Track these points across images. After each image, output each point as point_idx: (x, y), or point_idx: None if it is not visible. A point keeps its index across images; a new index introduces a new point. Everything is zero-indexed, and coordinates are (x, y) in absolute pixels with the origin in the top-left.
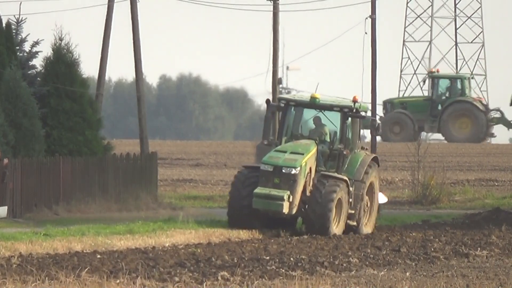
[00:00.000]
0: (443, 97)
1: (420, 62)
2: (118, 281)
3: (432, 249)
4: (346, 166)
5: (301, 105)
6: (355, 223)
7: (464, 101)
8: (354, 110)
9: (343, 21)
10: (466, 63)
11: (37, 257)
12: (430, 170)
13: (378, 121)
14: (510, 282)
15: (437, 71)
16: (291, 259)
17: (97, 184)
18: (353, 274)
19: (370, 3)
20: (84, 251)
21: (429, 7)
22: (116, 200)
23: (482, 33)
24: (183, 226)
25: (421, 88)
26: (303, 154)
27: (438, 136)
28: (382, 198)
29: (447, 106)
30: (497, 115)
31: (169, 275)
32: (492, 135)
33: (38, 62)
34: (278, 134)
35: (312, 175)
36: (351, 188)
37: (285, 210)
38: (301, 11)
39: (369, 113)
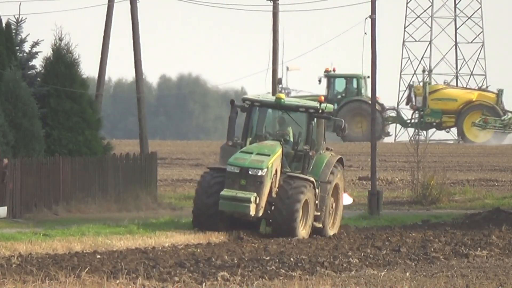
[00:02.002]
0: (339, 96)
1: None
2: (118, 281)
3: (432, 249)
4: (311, 167)
5: (266, 105)
6: (320, 225)
7: (359, 100)
8: (319, 111)
9: (343, 21)
10: (466, 63)
11: (36, 257)
12: (430, 170)
13: (344, 122)
14: (510, 282)
15: (333, 70)
16: (291, 259)
17: (97, 184)
18: (353, 274)
19: (370, 3)
20: (84, 251)
21: (429, 7)
22: (116, 200)
23: (482, 33)
24: (183, 226)
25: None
26: (269, 155)
27: (438, 136)
28: (347, 199)
29: (343, 106)
30: (393, 114)
31: (169, 275)
32: (388, 134)
33: (38, 63)
34: (242, 135)
35: (278, 177)
36: (317, 190)
37: (252, 212)
38: (301, 11)
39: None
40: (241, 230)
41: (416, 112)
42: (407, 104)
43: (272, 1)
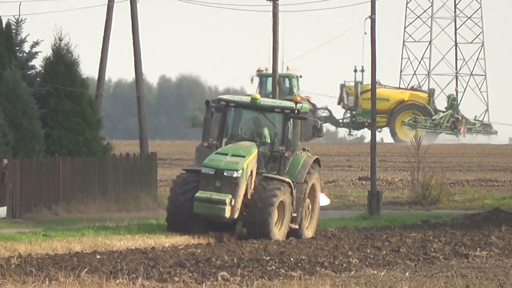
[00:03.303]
0: (271, 96)
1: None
2: (117, 281)
3: (432, 250)
4: (287, 168)
5: (241, 106)
6: (297, 226)
7: (291, 99)
8: (295, 111)
9: (343, 21)
10: (466, 63)
11: (36, 258)
12: (430, 170)
13: (320, 123)
14: (509, 282)
15: (266, 70)
16: (291, 259)
17: (97, 184)
18: (353, 274)
19: (369, 3)
20: (84, 252)
21: (429, 7)
22: (116, 200)
23: (482, 33)
24: None
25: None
26: (244, 156)
27: (437, 136)
28: (324, 200)
29: None
30: (325, 113)
31: (169, 275)
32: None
33: (37, 63)
34: (218, 135)
35: (254, 178)
36: (293, 191)
37: (227, 214)
38: (301, 11)
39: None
40: (215, 232)
41: (348, 111)
42: (338, 103)
43: (272, 1)
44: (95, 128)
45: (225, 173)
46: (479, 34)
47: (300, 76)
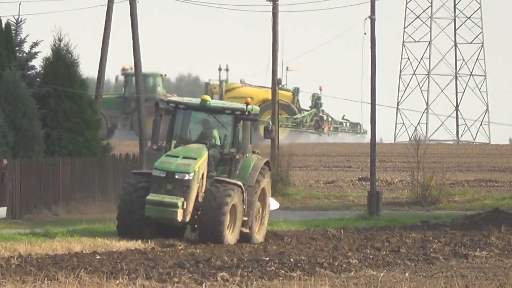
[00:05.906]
0: (136, 95)
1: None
2: (117, 281)
3: (432, 250)
4: (238, 171)
5: (190, 108)
6: (248, 230)
7: (155, 98)
8: (246, 113)
9: (343, 21)
10: (466, 63)
11: (36, 258)
12: (430, 170)
13: (272, 124)
14: (509, 282)
15: (131, 69)
16: (291, 259)
17: (97, 184)
18: (352, 275)
19: (369, 3)
20: (84, 252)
21: (429, 7)
22: (116, 201)
23: (481, 34)
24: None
25: (421, 87)
26: (196, 158)
27: (437, 136)
28: (273, 204)
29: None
30: None
31: (169, 276)
32: None
33: (37, 63)
34: (167, 138)
35: (205, 181)
36: (245, 194)
37: (179, 217)
38: (301, 11)
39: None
40: (167, 237)
41: None
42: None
43: (272, 1)
44: (95, 128)
45: (176, 176)
46: (478, 35)
47: (165, 75)
